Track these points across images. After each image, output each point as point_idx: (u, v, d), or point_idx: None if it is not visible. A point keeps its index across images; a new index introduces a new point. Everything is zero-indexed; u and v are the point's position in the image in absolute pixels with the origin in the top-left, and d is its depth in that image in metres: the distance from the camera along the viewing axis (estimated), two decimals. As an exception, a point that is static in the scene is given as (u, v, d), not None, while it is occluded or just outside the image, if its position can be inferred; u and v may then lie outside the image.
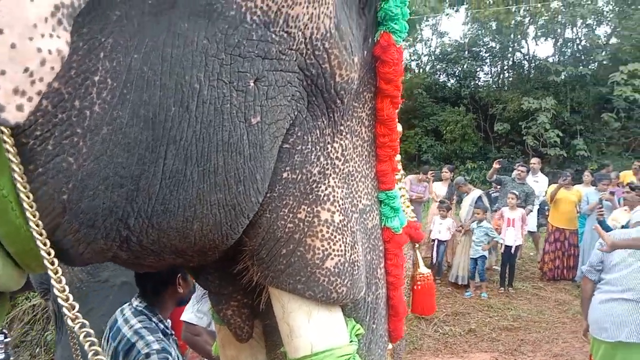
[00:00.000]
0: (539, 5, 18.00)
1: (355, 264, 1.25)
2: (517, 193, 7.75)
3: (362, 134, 1.37)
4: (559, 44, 20.80)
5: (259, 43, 1.02)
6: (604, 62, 18.75)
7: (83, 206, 0.92)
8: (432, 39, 23.86)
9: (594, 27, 20.31)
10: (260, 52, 1.02)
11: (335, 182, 1.23)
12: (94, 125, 0.88)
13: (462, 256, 7.60)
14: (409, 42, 22.95)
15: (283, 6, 1.03)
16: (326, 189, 1.21)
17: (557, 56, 20.84)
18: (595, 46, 19.44)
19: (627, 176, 9.14)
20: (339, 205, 1.23)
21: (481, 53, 22.15)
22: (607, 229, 4.90)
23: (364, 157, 1.37)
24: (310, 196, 1.19)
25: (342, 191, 1.25)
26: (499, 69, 22.67)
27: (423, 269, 2.27)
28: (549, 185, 9.13)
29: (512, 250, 7.47)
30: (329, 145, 1.23)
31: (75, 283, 2.94)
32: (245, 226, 1.15)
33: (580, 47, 20.59)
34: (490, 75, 22.88)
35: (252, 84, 1.02)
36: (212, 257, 1.21)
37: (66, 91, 0.85)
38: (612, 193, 7.18)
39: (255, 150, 1.06)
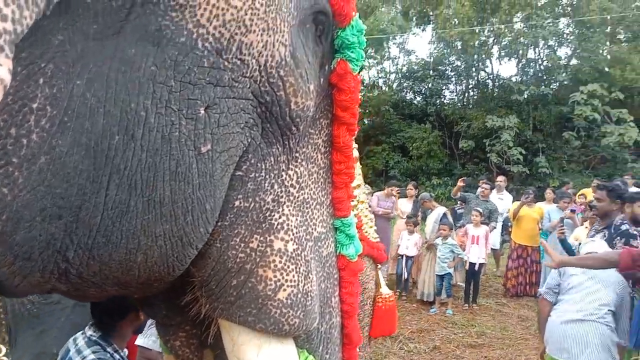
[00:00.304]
0: (503, 26, 18.52)
1: (309, 294, 1.23)
2: (480, 210, 7.85)
3: (318, 160, 1.36)
4: (521, 64, 21.38)
5: (211, 70, 1.00)
6: (565, 82, 19.33)
7: (18, 238, 0.87)
8: (399, 57, 24.25)
9: (555, 48, 20.98)
10: (212, 79, 1.00)
11: (289, 210, 1.21)
12: (31, 155, 0.84)
13: (427, 272, 7.64)
14: (377, 59, 23.30)
15: (236, 33, 1.02)
16: (280, 218, 1.19)
17: (520, 76, 21.40)
18: (557, 67, 20.07)
19: (587, 193, 9.39)
20: (293, 234, 1.21)
21: (447, 72, 22.57)
22: (569, 247, 5.00)
23: (319, 184, 1.36)
24: (263, 225, 1.16)
25: (297, 219, 1.23)
26: (464, 88, 23.14)
27: (385, 290, 2.26)
28: (513, 202, 9.30)
29: (476, 267, 7.54)
30: (283, 173, 1.21)
31: (26, 304, 2.83)
32: (193, 257, 1.12)
33: (542, 67, 21.22)
34: (455, 94, 23.33)
35: (202, 112, 1.00)
36: (158, 289, 1.17)
37: (1, 118, 0.81)
38: (572, 211, 7.35)
39: (205, 179, 1.03)
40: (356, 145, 2.16)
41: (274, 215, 1.18)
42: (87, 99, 0.88)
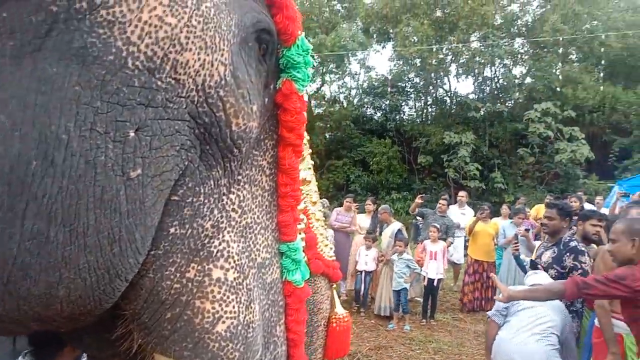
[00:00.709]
0: (460, 45, 18.98)
1: (250, 325, 1.17)
2: (438, 226, 7.93)
3: (262, 183, 1.32)
4: (478, 82, 21.94)
5: (142, 90, 0.93)
6: (520, 100, 19.95)
7: None
8: (360, 73, 24.54)
9: (510, 67, 21.63)
10: (144, 99, 0.94)
11: (230, 236, 1.15)
12: None
13: (385, 287, 7.65)
14: (339, 75, 23.50)
15: (170, 52, 0.96)
16: (220, 244, 1.12)
17: (476, 93, 21.96)
18: (512, 85, 20.67)
19: (540, 210, 9.64)
20: (234, 262, 1.15)
21: (406, 88, 22.99)
22: (521, 263, 5.11)
23: (264, 207, 1.31)
24: (201, 253, 1.09)
25: (238, 245, 1.18)
26: (423, 104, 23.57)
27: (339, 310, 2.22)
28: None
29: (435, 283, 7.60)
30: (224, 197, 1.16)
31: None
32: (123, 289, 1.03)
33: (498, 85, 21.82)
34: (414, 110, 23.75)
35: (132, 134, 0.93)
36: (85, 323, 1.07)
37: None
38: (527, 230, 7.52)
39: (135, 206, 0.95)
40: (310, 165, 2.13)
41: (213, 242, 1.12)
42: (1, 122, 0.80)
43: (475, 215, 8.87)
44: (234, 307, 1.13)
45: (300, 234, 1.49)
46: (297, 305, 1.40)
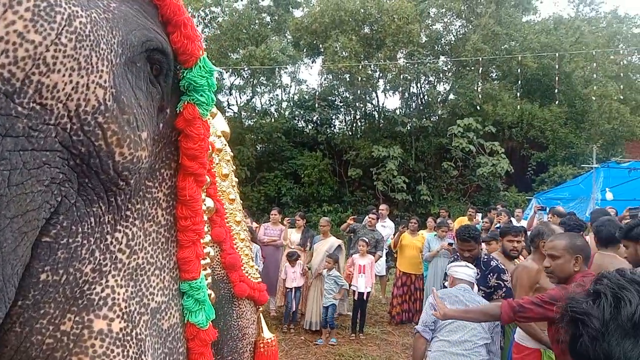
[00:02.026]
0: (387, 61, 19.50)
1: None
2: (367, 240, 8.02)
3: (157, 217, 1.18)
4: (405, 97, 22.58)
5: None
6: (444, 116, 20.72)
7: None
8: (290, 86, 24.63)
9: (435, 84, 22.49)
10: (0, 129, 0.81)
11: (116, 280, 1.02)
12: None
13: (315, 302, 7.63)
14: (269, 87, 23.48)
15: (33, 73, 0.84)
16: (103, 291, 0.99)
17: (403, 109, 22.62)
18: (436, 101, 21.47)
19: (463, 222, 10.01)
20: (121, 310, 1.01)
21: (336, 102, 23.32)
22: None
23: (159, 244, 1.18)
24: (80, 302, 0.96)
25: (127, 290, 1.04)
26: (353, 118, 23.96)
27: (266, 334, 2.15)
28: (395, 229, 9.66)
29: (364, 297, 7.66)
30: (108, 236, 1.01)
31: None
32: None
33: (423, 101, 22.60)
34: (344, 123, 24.11)
35: None
36: None
37: None
38: (450, 244, 7.77)
39: None
40: (235, 182, 2.07)
41: (94, 289, 0.98)
42: None
43: (400, 228, 9.05)
44: None
45: (205, 269, 1.37)
46: (201, 349, 1.28)
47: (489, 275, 4.21)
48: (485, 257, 4.49)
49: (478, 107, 19.49)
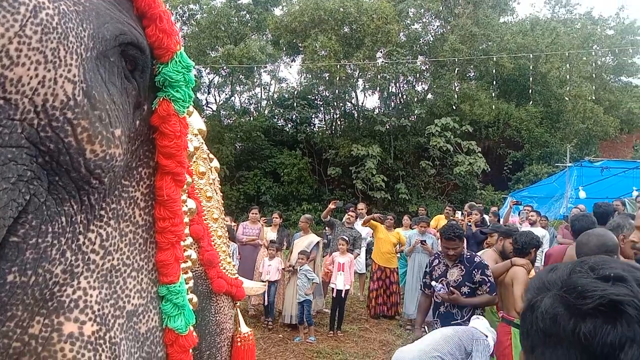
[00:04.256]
0: (366, 61, 19.62)
1: None
2: (346, 238, 8.07)
3: (134, 217, 1.13)
4: (384, 97, 22.75)
5: None
6: (422, 115, 20.90)
7: None
8: (270, 85, 24.61)
9: (413, 84, 22.69)
10: None
11: (89, 282, 0.98)
12: None
13: (293, 296, 7.67)
14: (249, 85, 23.42)
15: None
16: (74, 293, 0.95)
17: (382, 108, 22.79)
18: (414, 101, 21.64)
19: (440, 220, 10.16)
20: (93, 312, 0.98)
21: (316, 101, 23.38)
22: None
23: (136, 245, 1.14)
24: (49, 304, 0.92)
25: (100, 292, 1.00)
26: (332, 117, 24.08)
27: (244, 328, 2.18)
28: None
29: (343, 294, 7.72)
30: (81, 236, 0.98)
31: None
32: None
33: (402, 100, 22.80)
34: (324, 122, 24.20)
35: None
36: None
37: None
38: (423, 242, 7.91)
39: None
40: (212, 180, 2.10)
41: (65, 291, 0.94)
42: None
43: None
44: None
45: (187, 273, 1.34)
46: (180, 355, 1.24)
47: (474, 271, 4.32)
48: (468, 254, 4.61)
49: (455, 107, 19.76)
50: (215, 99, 24.28)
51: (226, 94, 24.03)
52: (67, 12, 0.90)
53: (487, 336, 3.87)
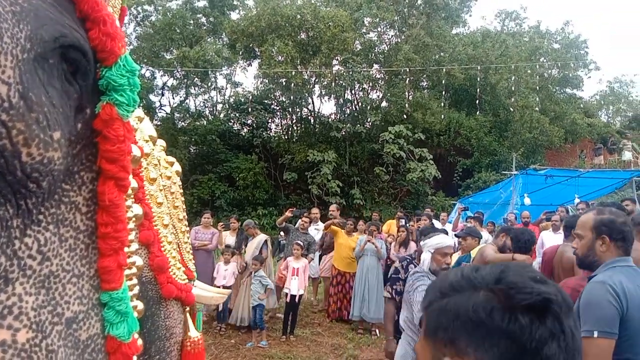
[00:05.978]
0: (323, 67, 19.82)
1: None
2: (301, 243, 8.17)
3: (75, 222, 1.11)
4: (339, 103, 22.95)
5: None
6: (376, 123, 21.23)
7: None
8: (226, 88, 24.46)
9: (368, 91, 23.04)
10: None
11: (24, 288, 0.95)
12: None
13: (245, 298, 7.67)
14: (204, 89, 23.21)
15: None
16: (8, 299, 0.92)
17: (338, 114, 23.00)
18: (369, 108, 21.98)
19: (392, 225, 10.41)
20: (28, 319, 0.94)
21: (272, 106, 23.37)
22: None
23: (77, 251, 1.11)
24: None
25: (37, 299, 0.98)
26: (289, 122, 24.12)
27: (193, 333, 2.23)
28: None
29: (296, 299, 7.80)
30: (16, 241, 0.94)
31: None
32: None
33: (357, 107, 23.08)
34: (280, 127, 24.23)
35: None
36: None
37: None
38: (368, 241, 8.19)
39: None
40: (162, 186, 2.15)
41: None
42: None
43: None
44: None
45: (132, 279, 1.32)
46: None
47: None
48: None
49: (408, 115, 20.19)
50: (169, 102, 23.92)
51: (180, 97, 23.73)
52: (2, 13, 0.87)
53: None
